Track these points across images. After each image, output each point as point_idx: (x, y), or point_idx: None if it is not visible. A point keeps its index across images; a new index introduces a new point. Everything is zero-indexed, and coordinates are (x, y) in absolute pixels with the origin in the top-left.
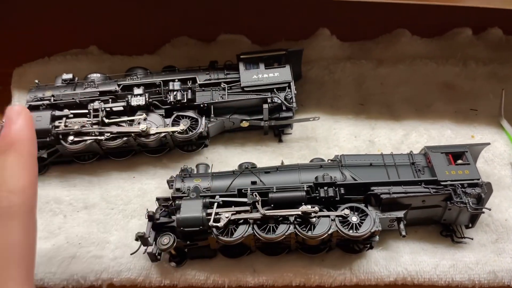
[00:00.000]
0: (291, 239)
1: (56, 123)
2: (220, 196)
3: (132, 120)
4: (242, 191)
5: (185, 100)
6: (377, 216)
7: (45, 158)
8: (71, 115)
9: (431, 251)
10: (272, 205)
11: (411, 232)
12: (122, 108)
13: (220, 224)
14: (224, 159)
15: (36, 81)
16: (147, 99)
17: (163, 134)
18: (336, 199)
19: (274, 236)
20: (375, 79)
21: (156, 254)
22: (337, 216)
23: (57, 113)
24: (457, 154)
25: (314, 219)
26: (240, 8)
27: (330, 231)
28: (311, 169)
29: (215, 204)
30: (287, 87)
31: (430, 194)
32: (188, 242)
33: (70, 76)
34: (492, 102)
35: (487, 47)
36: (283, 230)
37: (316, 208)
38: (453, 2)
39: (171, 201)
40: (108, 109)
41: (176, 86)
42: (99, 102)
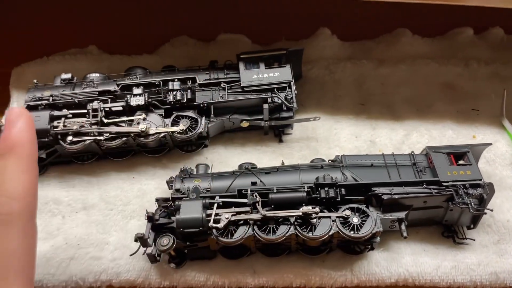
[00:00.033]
0: (291, 240)
1: (55, 123)
2: (220, 196)
3: (132, 120)
4: (242, 191)
5: (184, 100)
6: (378, 217)
7: (43, 158)
8: (70, 115)
9: (432, 252)
10: (272, 206)
11: (412, 233)
12: (121, 108)
13: (220, 225)
14: (224, 159)
15: (35, 81)
16: (146, 99)
17: (162, 134)
18: (337, 199)
19: (275, 237)
20: (375, 79)
21: (156, 255)
22: (338, 217)
23: (55, 113)
24: (458, 155)
25: (314, 220)
26: (240, 7)
27: (331, 232)
28: (311, 169)
29: (215, 205)
30: (287, 87)
31: (431, 195)
32: (187, 243)
33: (69, 76)
34: (494, 102)
35: (489, 47)
36: (283, 231)
37: (317, 209)
38: (454, 1)
39: (171, 202)
40: (107, 109)
41: (176, 86)
42: (98, 102)
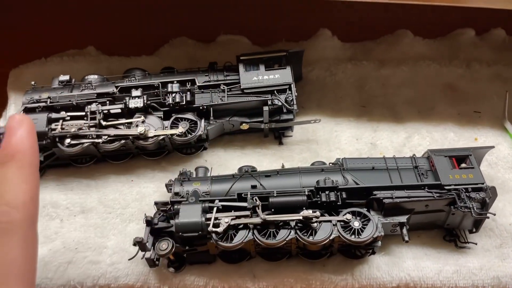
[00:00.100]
0: (292, 244)
1: (53, 126)
2: (220, 200)
3: (130, 123)
4: (242, 195)
5: (184, 102)
6: (379, 221)
7: (41, 161)
8: (68, 118)
9: (434, 256)
10: (272, 209)
11: (414, 237)
12: (120, 111)
13: (220, 229)
14: (224, 162)
15: (33, 82)
16: (145, 101)
17: (161, 137)
18: (338, 203)
19: (275, 242)
20: (377, 81)
21: (155, 260)
22: (338, 221)
23: (53, 115)
24: (461, 158)
25: (315, 224)
26: (240, 8)
27: (332, 237)
28: (312, 172)
29: (215, 208)
30: (287, 89)
31: (433, 198)
32: (187, 247)
33: (67, 77)
34: (496, 104)
35: (491, 48)
36: (284, 236)
37: (318, 213)
38: (455, 2)
39: (170, 205)
40: (106, 111)
41: (175, 88)
42: (97, 104)
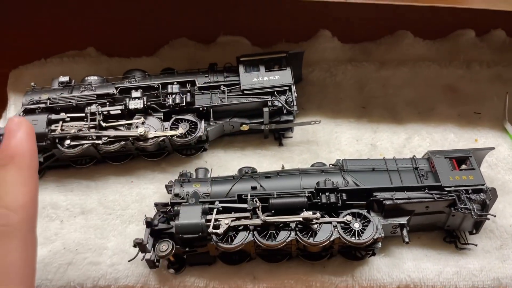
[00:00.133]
0: (292, 246)
1: (53, 127)
2: (220, 201)
3: (130, 124)
4: (242, 196)
5: (184, 104)
6: (379, 223)
7: (41, 162)
8: (68, 119)
9: (434, 258)
10: (272, 211)
11: (414, 238)
12: (119, 112)
13: (220, 231)
14: (224, 163)
15: (32, 83)
16: (145, 102)
17: (161, 138)
18: (338, 205)
19: (275, 243)
20: (377, 82)
21: (155, 261)
22: (339, 222)
23: (53, 116)
24: (461, 159)
25: (315, 226)
26: (240, 9)
27: (332, 238)
28: (312, 174)
29: (215, 210)
30: (287, 90)
31: (434, 200)
32: (187, 248)
33: (66, 78)
34: (496, 105)
35: (491, 49)
36: (284, 237)
37: (318, 214)
38: (455, 3)
39: (170, 207)
40: (106, 112)
41: (175, 89)
42: (96, 105)
